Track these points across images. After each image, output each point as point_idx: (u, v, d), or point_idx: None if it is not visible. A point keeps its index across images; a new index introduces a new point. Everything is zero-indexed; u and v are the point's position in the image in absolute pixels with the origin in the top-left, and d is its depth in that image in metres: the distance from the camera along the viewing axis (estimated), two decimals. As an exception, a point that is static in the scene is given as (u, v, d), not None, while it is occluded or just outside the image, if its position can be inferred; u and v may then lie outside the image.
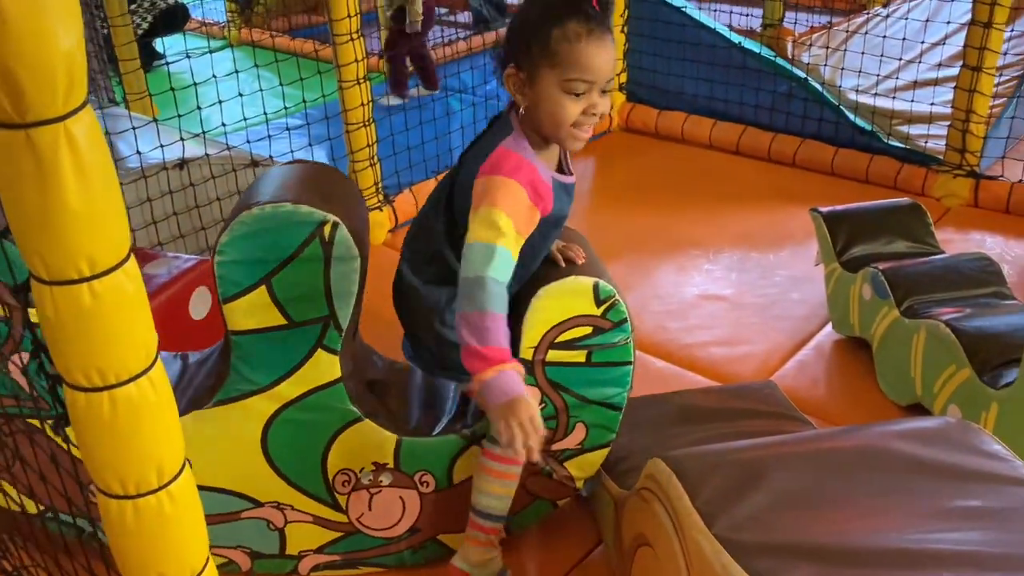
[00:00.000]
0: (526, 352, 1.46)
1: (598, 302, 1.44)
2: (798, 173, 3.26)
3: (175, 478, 0.86)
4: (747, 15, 4.42)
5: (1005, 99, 3.10)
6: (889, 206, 2.31)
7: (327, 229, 1.37)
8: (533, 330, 1.45)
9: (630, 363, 1.50)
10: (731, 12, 4.46)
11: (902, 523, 1.08)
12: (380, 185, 2.91)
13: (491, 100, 3.91)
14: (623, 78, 3.72)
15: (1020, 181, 2.88)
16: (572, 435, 1.53)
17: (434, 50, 4.60)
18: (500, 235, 1.27)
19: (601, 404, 1.51)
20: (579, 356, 1.47)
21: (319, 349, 1.44)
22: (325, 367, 1.45)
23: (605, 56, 1.29)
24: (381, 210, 2.89)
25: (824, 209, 2.32)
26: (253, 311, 1.40)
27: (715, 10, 4.46)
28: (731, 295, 2.52)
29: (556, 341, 1.46)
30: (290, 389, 1.46)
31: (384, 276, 1.58)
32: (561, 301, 1.44)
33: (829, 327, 2.30)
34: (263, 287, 1.38)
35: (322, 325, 1.42)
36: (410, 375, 1.68)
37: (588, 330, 1.45)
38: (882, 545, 1.05)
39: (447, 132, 3.36)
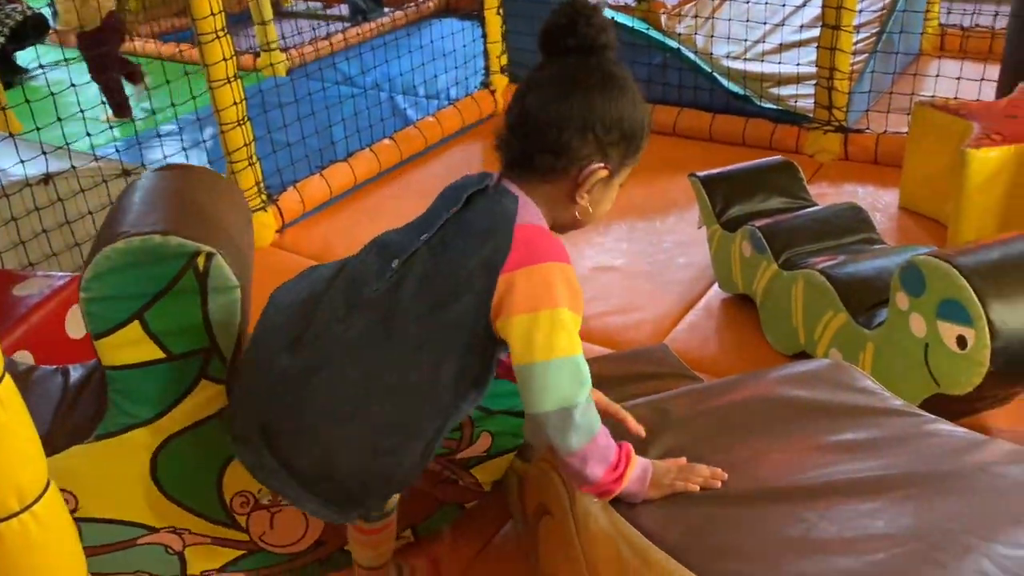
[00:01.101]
0: None
1: None
2: (678, 141, 3.34)
3: (38, 499, 0.82)
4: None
5: (865, 55, 3.24)
6: (763, 165, 2.39)
7: (200, 261, 1.27)
8: None
9: None
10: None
11: (787, 462, 1.12)
12: (262, 185, 2.83)
13: (371, 90, 3.86)
14: (504, 60, 3.72)
15: (885, 132, 3.02)
16: (477, 444, 1.52)
17: (314, 43, 4.52)
18: (573, 342, 1.05)
19: (505, 413, 1.51)
20: None
21: (203, 380, 1.35)
22: (211, 397, 1.37)
23: None
24: (265, 210, 2.83)
25: (702, 173, 2.38)
26: (127, 346, 1.30)
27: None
28: (622, 265, 2.57)
29: None
30: (174, 421, 1.37)
31: (274, 276, 1.53)
32: None
33: (716, 287, 2.36)
34: (136, 322, 1.29)
35: (203, 356, 1.34)
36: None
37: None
38: (770, 484, 1.08)
39: (328, 125, 3.30)
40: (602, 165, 1.13)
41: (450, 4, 5.39)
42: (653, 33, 3.48)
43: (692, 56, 3.39)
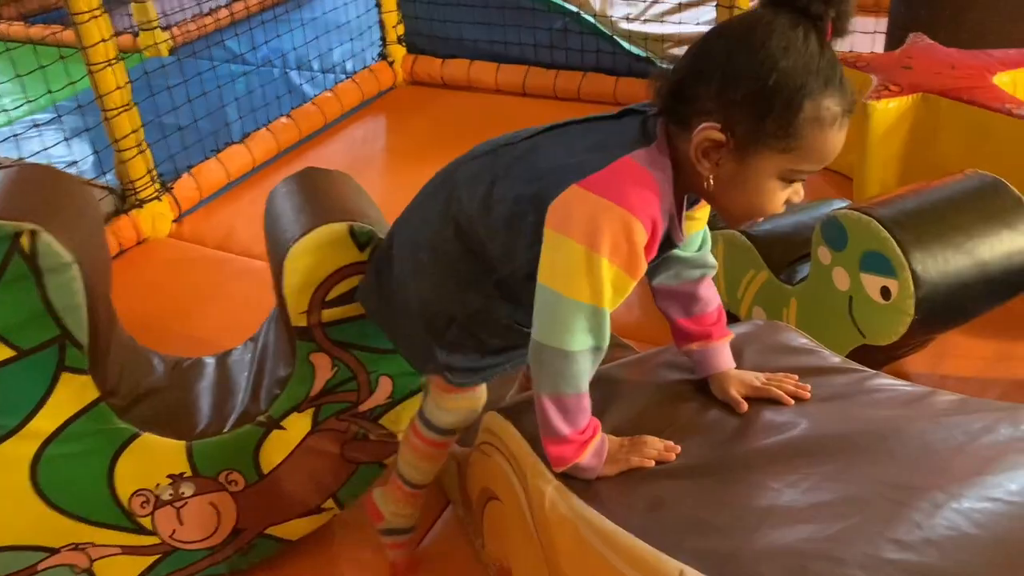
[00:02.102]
0: (298, 319, 1.35)
1: (360, 246, 1.33)
2: (585, 107, 3.31)
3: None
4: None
5: (761, 13, 3.28)
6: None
7: (24, 241, 1.19)
8: (298, 295, 1.33)
9: None
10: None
11: (740, 429, 1.10)
12: (155, 173, 2.67)
13: (264, 67, 3.70)
14: (401, 30, 3.62)
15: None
16: (378, 391, 1.45)
17: (197, 19, 4.28)
18: (601, 294, 0.96)
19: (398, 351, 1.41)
20: (358, 308, 1.36)
21: (63, 373, 1.27)
22: (77, 390, 1.29)
23: (844, 140, 0.97)
24: (160, 199, 2.66)
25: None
26: (-31, 349, 1.21)
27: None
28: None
29: (328, 299, 1.35)
30: (44, 423, 1.29)
31: (174, 269, 1.43)
32: (318, 255, 1.32)
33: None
34: (-28, 321, 1.20)
35: (58, 347, 1.26)
36: (197, 371, 1.56)
37: (359, 278, 1.35)
38: (727, 452, 1.06)
39: (221, 106, 3.14)
40: (716, 126, 0.93)
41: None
42: (551, -2, 3.44)
43: (591, 20, 3.37)
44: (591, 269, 0.95)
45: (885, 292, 1.52)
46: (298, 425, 1.44)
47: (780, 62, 0.90)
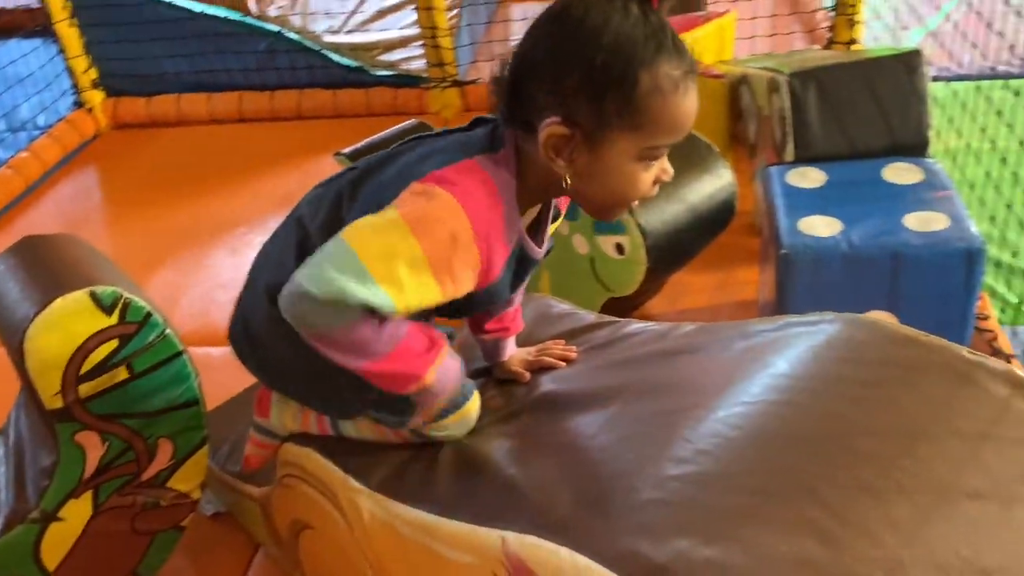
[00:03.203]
0: (52, 402, 1.24)
1: (106, 310, 1.26)
2: (308, 123, 3.29)
3: None
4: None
5: (457, 10, 3.42)
6: (400, 130, 2.44)
7: None
8: (46, 377, 1.23)
9: (180, 352, 1.34)
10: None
11: (520, 401, 1.18)
12: None
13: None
14: (94, 74, 3.38)
15: (495, 78, 3.23)
16: (159, 455, 1.37)
17: None
18: (396, 284, 0.87)
19: (172, 409, 1.36)
20: (119, 375, 1.29)
21: None
22: None
23: (697, 103, 0.91)
24: None
25: (346, 150, 2.37)
26: None
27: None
28: (291, 259, 2.51)
29: (82, 373, 1.26)
30: None
31: None
32: (61, 331, 1.23)
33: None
34: None
35: None
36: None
37: (114, 344, 1.27)
38: (511, 426, 1.14)
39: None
40: (557, 120, 0.88)
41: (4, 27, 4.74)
42: (249, 20, 3.37)
43: (295, 37, 3.35)
44: (396, 252, 0.88)
45: (619, 248, 1.69)
46: (78, 512, 1.34)
47: (603, 38, 0.85)
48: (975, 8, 1.94)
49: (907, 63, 1.82)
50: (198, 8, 3.32)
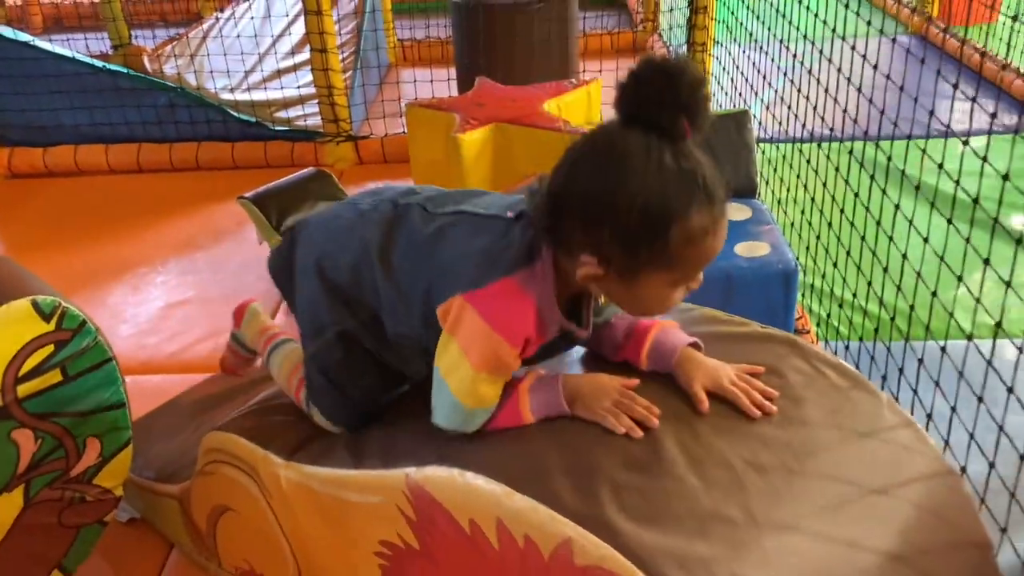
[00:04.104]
0: None
1: (45, 317, 1.41)
2: (206, 174, 3.45)
3: None
4: (99, 39, 4.40)
5: (350, 72, 3.69)
6: (302, 177, 2.65)
7: None
8: None
9: (110, 359, 1.50)
10: (84, 39, 4.40)
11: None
12: None
13: None
14: (-13, 125, 3.45)
15: (387, 135, 3.50)
16: (87, 453, 1.51)
17: None
18: (481, 401, 1.05)
19: (101, 411, 1.50)
20: (54, 377, 1.43)
21: None
22: None
23: (725, 232, 0.97)
24: None
25: (249, 194, 2.57)
26: None
27: (66, 40, 4.33)
28: (194, 296, 2.65)
29: (21, 375, 1.40)
30: None
31: None
32: (5, 334, 1.38)
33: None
34: None
35: None
36: None
37: (50, 348, 1.42)
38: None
39: None
40: (593, 261, 0.96)
41: None
42: (151, 77, 3.53)
43: (196, 93, 3.52)
44: (472, 384, 1.04)
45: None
46: (9, 505, 1.47)
47: (637, 192, 0.91)
48: (796, 86, 2.35)
49: (737, 121, 2.19)
50: (100, 64, 3.46)
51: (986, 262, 1.39)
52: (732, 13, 3.54)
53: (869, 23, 2.16)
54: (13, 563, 1.49)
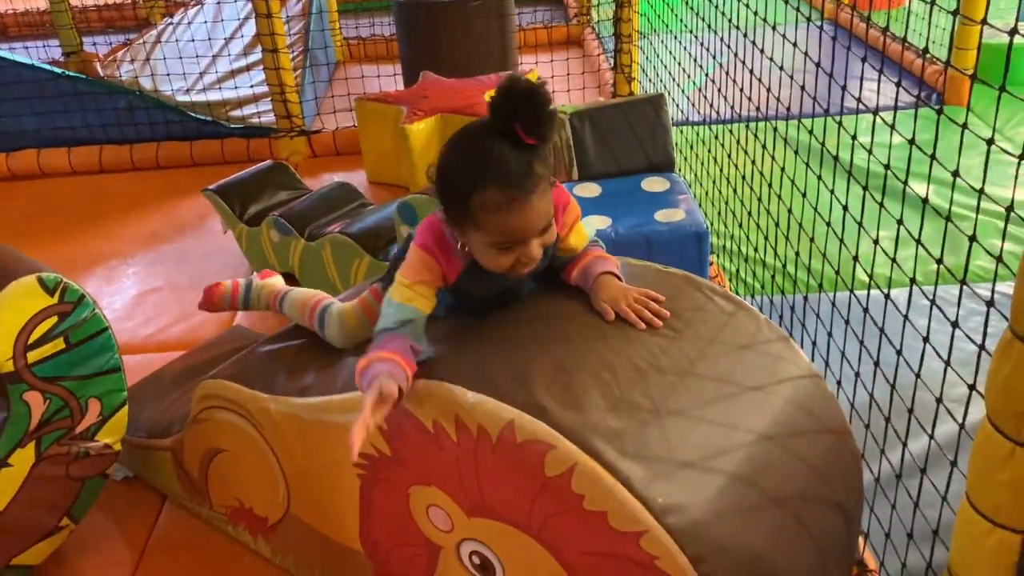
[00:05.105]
0: (5, 366, 1.58)
1: (49, 292, 1.62)
2: (167, 172, 3.63)
3: None
4: (47, 47, 4.51)
5: (300, 70, 3.89)
6: (261, 169, 2.88)
7: None
8: (1, 344, 1.57)
9: (106, 328, 1.72)
10: (33, 47, 4.51)
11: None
12: None
13: None
14: (-51, 132, 3.58)
15: (338, 128, 3.70)
16: (89, 412, 1.72)
17: None
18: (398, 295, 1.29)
19: (100, 374, 1.71)
20: (58, 345, 1.64)
21: None
22: None
23: (532, 215, 1.20)
24: None
25: (212, 186, 2.77)
26: None
27: (12, 48, 4.45)
28: (165, 284, 2.84)
29: (30, 343, 1.61)
30: None
31: None
32: (14, 307, 1.58)
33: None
34: None
35: None
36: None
37: (54, 319, 1.63)
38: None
39: None
40: (441, 214, 1.26)
41: None
42: (109, 82, 3.69)
43: (154, 95, 3.69)
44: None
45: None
46: (23, 459, 1.67)
47: (456, 167, 1.21)
48: (726, 69, 2.54)
49: (654, 104, 2.46)
50: (59, 70, 3.61)
51: (868, 223, 1.67)
52: (652, 7, 3.83)
53: (788, 3, 2.14)
54: (30, 510, 1.69)
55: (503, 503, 1.20)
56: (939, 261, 1.36)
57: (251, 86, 3.83)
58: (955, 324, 1.30)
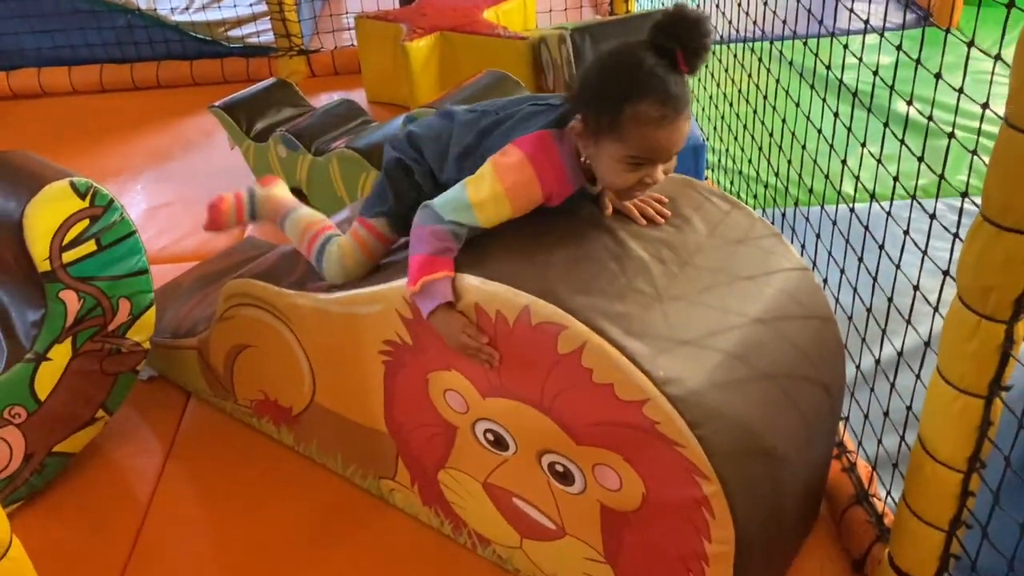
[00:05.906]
0: (43, 266, 1.67)
1: (81, 196, 1.70)
2: (168, 92, 3.66)
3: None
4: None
5: (298, -11, 3.88)
6: (265, 86, 2.92)
7: None
8: (38, 244, 1.65)
9: (134, 232, 1.80)
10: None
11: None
12: None
13: None
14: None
15: (337, 48, 3.73)
16: (119, 312, 1.81)
17: None
18: (482, 206, 1.29)
19: (129, 276, 1.80)
20: (90, 247, 1.73)
21: None
22: None
23: (676, 136, 1.22)
24: None
25: (219, 103, 2.82)
26: None
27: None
28: (176, 199, 2.91)
29: (64, 244, 1.69)
30: None
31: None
32: (49, 209, 1.66)
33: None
34: None
35: None
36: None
37: (86, 222, 1.71)
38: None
39: None
40: (579, 119, 1.25)
41: None
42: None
43: (151, 14, 3.69)
44: (489, 192, 1.29)
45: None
46: (61, 353, 1.77)
47: (614, 75, 1.21)
48: None
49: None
50: (55, -10, 3.61)
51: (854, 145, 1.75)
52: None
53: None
54: (67, 400, 1.80)
55: (517, 381, 1.32)
56: (941, 176, 1.39)
57: (250, 4, 3.83)
58: (957, 236, 1.41)
